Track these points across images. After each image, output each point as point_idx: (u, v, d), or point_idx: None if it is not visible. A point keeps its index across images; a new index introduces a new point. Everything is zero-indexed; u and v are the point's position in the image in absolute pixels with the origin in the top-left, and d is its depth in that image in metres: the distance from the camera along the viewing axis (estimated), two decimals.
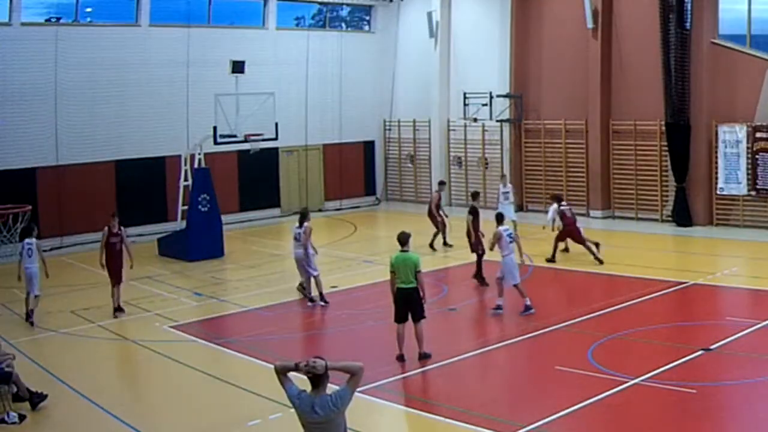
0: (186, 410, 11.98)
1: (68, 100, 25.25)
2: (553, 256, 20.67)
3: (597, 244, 20.61)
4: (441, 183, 25.12)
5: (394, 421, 11.57)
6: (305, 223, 17.28)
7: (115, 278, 16.99)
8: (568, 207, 21.23)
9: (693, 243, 23.23)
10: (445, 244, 22.96)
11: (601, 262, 20.09)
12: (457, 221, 23.35)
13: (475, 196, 20.39)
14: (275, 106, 24.43)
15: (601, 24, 26.65)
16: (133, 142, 26.60)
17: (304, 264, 17.26)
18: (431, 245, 22.61)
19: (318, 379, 6.85)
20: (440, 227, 22.98)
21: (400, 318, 13.35)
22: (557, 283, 18.97)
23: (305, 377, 6.90)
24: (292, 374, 7.00)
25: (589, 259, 20.21)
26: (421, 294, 13.46)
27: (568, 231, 20.77)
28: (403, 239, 13.61)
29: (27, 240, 16.84)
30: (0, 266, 22.45)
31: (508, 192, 24.26)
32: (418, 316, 13.33)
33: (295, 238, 17.40)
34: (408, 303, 13.28)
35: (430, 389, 12.63)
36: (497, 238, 16.14)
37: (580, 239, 20.71)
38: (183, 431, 11.21)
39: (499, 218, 16.77)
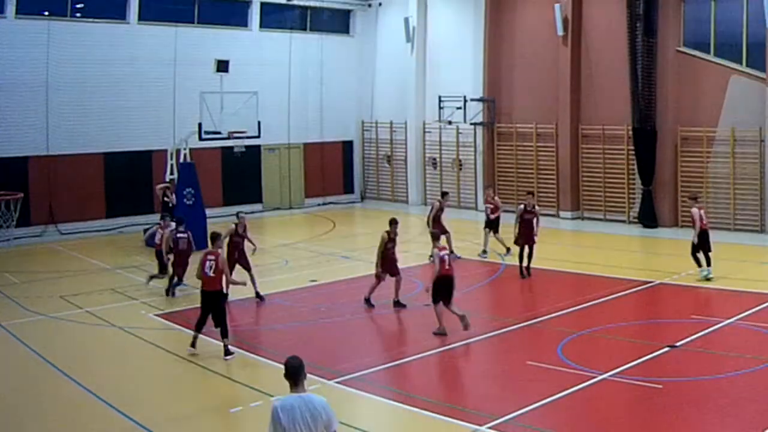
0: (170, 396, 12.13)
1: (59, 93, 25.71)
2: None
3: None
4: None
5: (370, 412, 11.51)
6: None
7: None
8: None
9: (659, 244, 23.58)
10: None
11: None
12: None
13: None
14: (258, 104, 24.84)
15: (571, 31, 27.19)
16: (121, 135, 27.03)
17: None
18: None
19: (296, 372, 6.78)
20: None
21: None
22: (528, 281, 19.11)
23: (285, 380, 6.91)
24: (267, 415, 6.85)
25: (562, 258, 20.79)
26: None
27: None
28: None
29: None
30: None
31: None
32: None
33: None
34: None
35: (406, 381, 12.68)
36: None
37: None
38: (167, 416, 11.17)
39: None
